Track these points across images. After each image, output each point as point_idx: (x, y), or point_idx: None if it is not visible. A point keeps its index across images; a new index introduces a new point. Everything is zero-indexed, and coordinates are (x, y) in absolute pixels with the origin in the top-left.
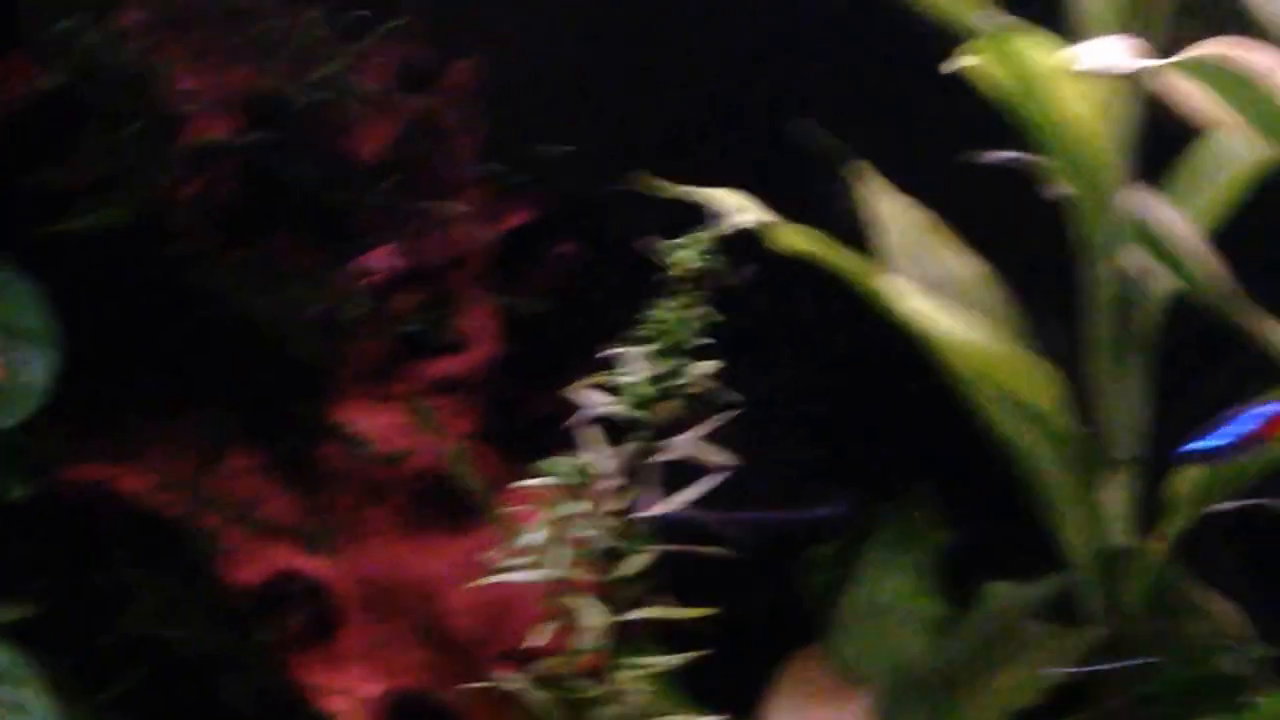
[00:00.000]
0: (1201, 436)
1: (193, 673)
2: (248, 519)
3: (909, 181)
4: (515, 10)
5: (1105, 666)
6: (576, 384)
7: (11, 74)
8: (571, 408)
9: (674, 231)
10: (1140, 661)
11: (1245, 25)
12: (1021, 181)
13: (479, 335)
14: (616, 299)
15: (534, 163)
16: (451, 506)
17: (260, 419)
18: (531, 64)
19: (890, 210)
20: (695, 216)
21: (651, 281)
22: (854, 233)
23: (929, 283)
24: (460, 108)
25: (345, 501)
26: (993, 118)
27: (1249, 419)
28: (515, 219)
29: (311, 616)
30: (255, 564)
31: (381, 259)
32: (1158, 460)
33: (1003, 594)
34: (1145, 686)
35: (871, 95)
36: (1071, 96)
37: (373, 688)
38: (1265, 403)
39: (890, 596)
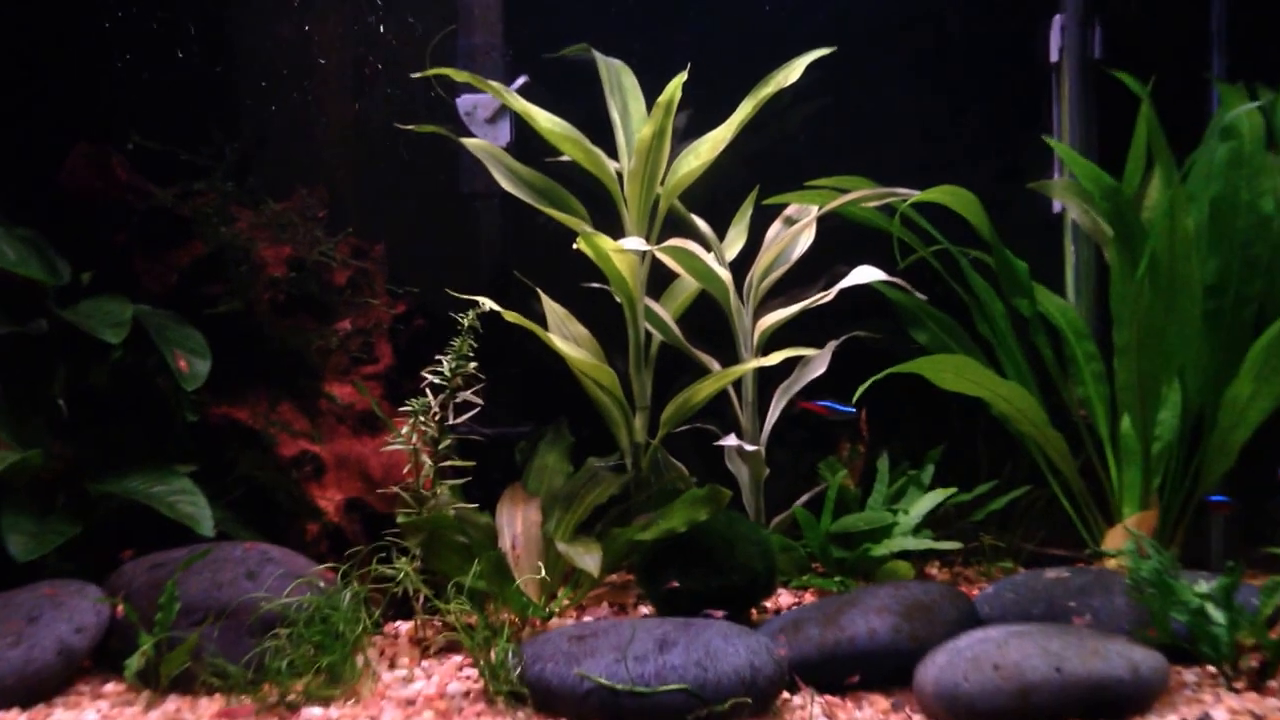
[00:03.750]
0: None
1: (264, 492)
2: (288, 429)
3: (560, 296)
4: (398, 223)
5: (630, 478)
6: (423, 372)
7: (188, 251)
8: (421, 381)
9: (465, 308)
10: (646, 481)
11: (687, 228)
12: (603, 295)
13: (383, 355)
14: (439, 339)
15: (407, 287)
16: (373, 423)
17: (293, 389)
18: (409, 247)
19: (550, 308)
20: (472, 304)
21: (454, 331)
22: (538, 317)
23: (566, 337)
24: (378, 264)
25: (329, 422)
26: (593, 269)
27: (836, 406)
28: (399, 308)
29: (314, 469)
30: (290, 447)
31: (345, 325)
32: (655, 408)
33: (594, 463)
34: (649, 493)
35: (548, 263)
36: (619, 260)
37: (339, 497)
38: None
39: (549, 463)
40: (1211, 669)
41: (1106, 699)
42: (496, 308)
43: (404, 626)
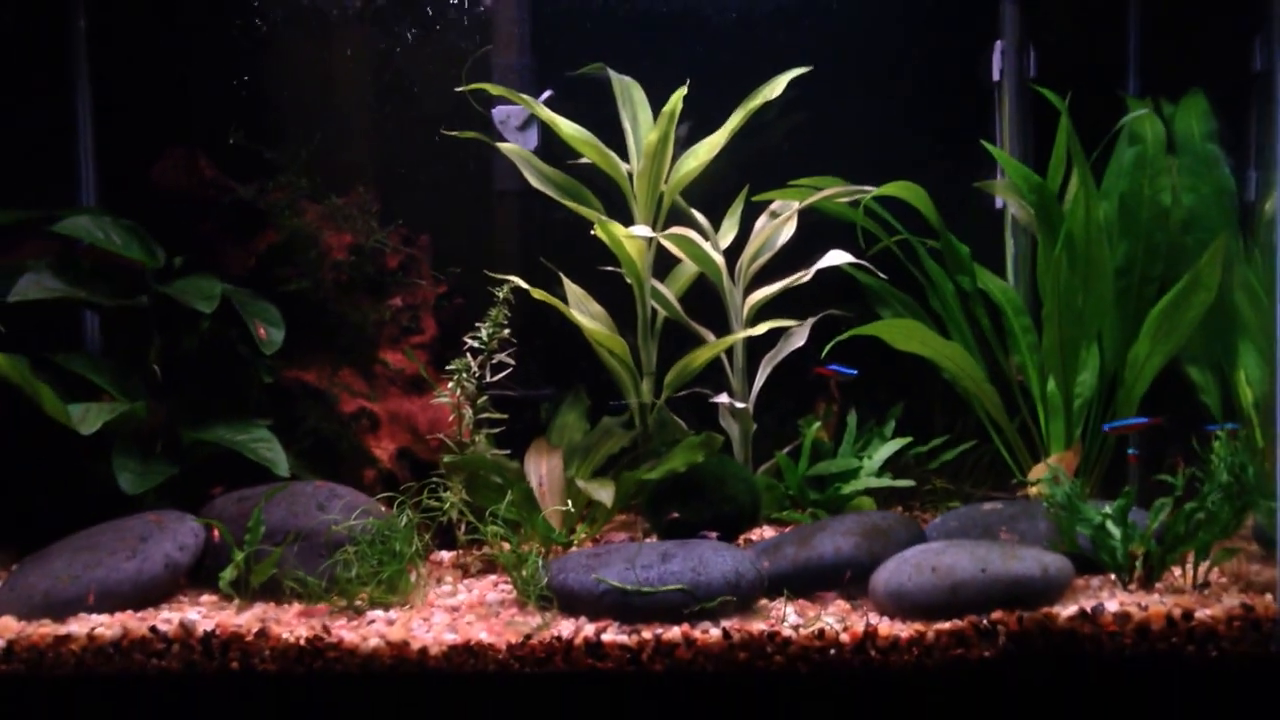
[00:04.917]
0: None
1: (328, 443)
2: (348, 390)
3: (579, 278)
4: (441, 216)
5: (638, 433)
6: (465, 338)
7: (265, 239)
8: (461, 347)
9: (497, 285)
10: (651, 435)
11: (687, 220)
12: (616, 277)
13: (428, 328)
14: (477, 311)
15: (447, 270)
16: (419, 385)
17: (352, 356)
18: (447, 239)
19: (571, 289)
20: (502, 282)
21: (491, 304)
22: (561, 295)
23: (584, 313)
24: (423, 251)
25: (382, 384)
26: (607, 255)
27: (841, 369)
28: (441, 289)
29: (370, 423)
30: (351, 405)
31: (396, 302)
32: (659, 373)
33: (608, 420)
34: (653, 444)
35: (569, 250)
36: (630, 246)
37: (391, 446)
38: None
39: (569, 421)
40: (1112, 576)
41: (1022, 593)
42: (526, 286)
43: (446, 556)
